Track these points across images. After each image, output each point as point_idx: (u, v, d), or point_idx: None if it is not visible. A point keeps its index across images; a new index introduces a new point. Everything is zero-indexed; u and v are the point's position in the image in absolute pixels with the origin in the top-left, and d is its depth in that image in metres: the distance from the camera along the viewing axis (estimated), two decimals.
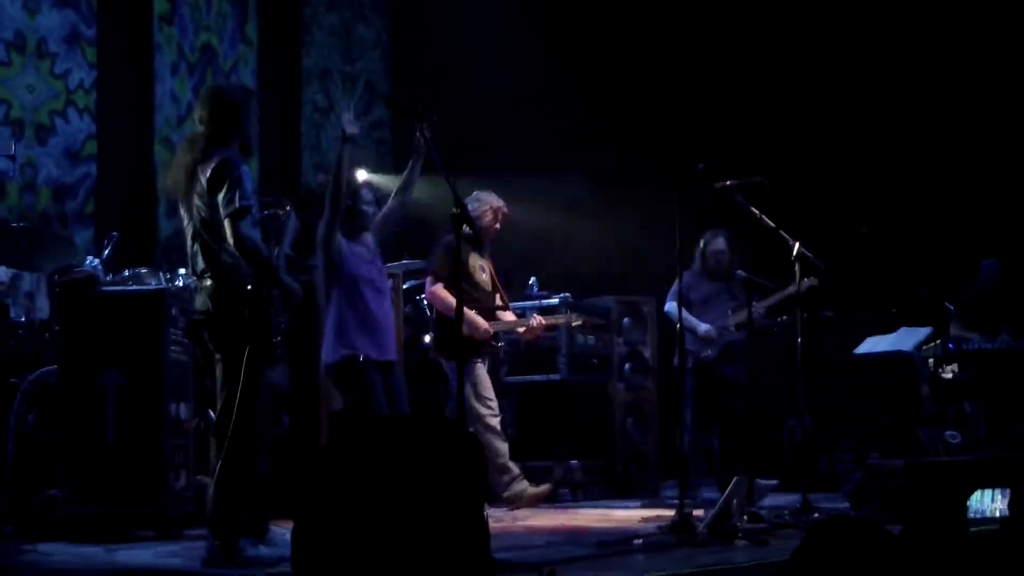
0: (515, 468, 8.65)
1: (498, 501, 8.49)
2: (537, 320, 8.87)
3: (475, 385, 8.52)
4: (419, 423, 5.83)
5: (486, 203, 8.78)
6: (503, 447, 8.62)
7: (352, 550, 4.37)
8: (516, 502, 8.57)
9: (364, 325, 7.34)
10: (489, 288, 8.85)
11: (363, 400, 7.27)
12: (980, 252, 10.21)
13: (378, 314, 7.44)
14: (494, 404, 8.64)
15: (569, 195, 10.91)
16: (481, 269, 8.81)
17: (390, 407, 7.34)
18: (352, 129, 7.17)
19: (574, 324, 9.56)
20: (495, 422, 8.60)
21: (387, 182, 8.72)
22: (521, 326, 8.90)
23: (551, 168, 8.97)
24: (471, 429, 8.30)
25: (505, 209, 8.85)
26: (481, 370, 8.64)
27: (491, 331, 8.70)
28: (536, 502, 8.66)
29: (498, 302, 8.92)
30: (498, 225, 8.85)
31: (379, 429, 4.89)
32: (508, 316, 8.97)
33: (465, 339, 8.29)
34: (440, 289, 8.52)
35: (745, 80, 12.14)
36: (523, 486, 8.62)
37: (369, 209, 7.61)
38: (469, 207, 8.53)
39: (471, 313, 8.46)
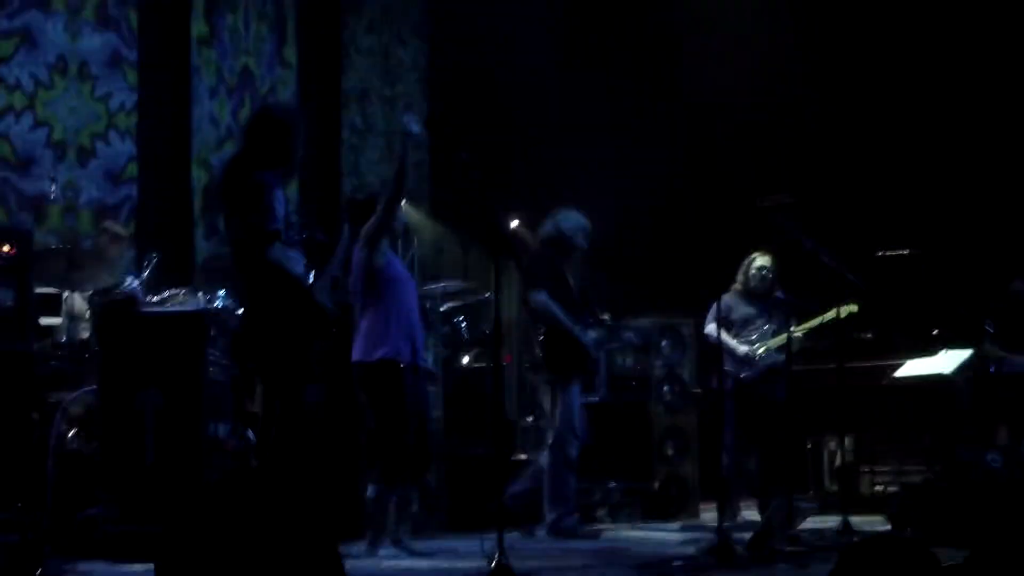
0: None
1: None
2: None
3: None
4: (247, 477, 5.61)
5: (576, 221, 8.77)
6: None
7: None
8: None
9: (404, 327, 7.32)
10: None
11: (393, 405, 7.22)
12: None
13: (413, 319, 7.45)
14: None
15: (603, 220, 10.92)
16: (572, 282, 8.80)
17: (414, 411, 7.31)
18: (414, 128, 7.19)
19: None
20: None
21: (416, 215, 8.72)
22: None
23: (591, 193, 8.97)
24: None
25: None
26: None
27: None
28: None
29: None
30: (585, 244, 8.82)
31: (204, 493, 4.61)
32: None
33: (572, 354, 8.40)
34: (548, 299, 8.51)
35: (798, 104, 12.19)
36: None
37: (399, 224, 7.64)
38: (562, 225, 8.63)
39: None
